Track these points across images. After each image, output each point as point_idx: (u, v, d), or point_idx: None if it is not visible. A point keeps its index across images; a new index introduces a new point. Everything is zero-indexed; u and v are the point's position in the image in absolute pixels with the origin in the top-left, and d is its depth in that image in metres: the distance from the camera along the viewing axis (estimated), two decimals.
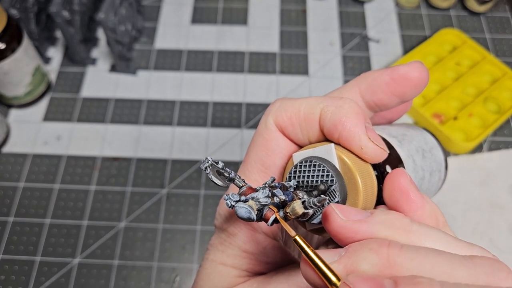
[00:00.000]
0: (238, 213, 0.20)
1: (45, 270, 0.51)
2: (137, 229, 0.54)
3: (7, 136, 0.60)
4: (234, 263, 0.26)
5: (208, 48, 0.68)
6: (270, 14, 0.72)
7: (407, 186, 0.20)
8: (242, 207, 0.20)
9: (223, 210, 0.27)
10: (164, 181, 0.57)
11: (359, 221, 0.18)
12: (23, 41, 0.56)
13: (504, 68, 0.63)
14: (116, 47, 0.61)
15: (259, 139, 0.25)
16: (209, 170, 0.21)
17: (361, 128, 0.22)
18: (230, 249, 0.26)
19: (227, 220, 0.26)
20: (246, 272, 0.26)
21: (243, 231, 0.26)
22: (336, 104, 0.22)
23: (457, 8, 0.72)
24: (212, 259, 0.27)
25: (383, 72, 0.23)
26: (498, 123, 0.59)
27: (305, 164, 0.22)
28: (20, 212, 0.55)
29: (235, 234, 0.26)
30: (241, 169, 0.26)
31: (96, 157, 0.59)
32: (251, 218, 0.20)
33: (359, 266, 0.17)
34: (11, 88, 0.58)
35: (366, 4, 0.73)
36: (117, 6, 0.60)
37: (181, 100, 0.64)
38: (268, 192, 0.21)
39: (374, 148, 0.22)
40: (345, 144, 0.22)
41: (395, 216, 0.19)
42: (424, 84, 0.24)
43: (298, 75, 0.66)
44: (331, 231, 0.19)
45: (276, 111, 0.25)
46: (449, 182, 0.56)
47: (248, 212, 0.20)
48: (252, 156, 0.25)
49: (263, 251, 0.26)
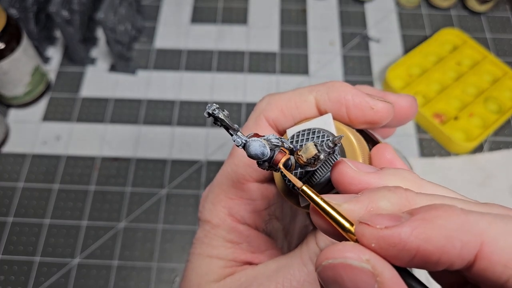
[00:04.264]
0: (251, 148, 0.19)
1: (44, 271, 0.51)
2: (136, 229, 0.54)
3: (6, 136, 0.60)
4: (220, 253, 0.26)
5: (207, 47, 0.68)
6: (270, 13, 0.72)
7: (393, 157, 0.22)
8: (256, 140, 0.19)
9: (207, 202, 0.27)
10: (163, 181, 0.57)
11: (371, 173, 0.18)
12: (22, 41, 0.56)
13: (505, 68, 0.63)
14: (115, 47, 0.61)
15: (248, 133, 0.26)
16: (218, 111, 0.20)
17: (362, 93, 0.23)
18: (214, 241, 0.26)
19: (211, 212, 0.27)
20: (233, 262, 0.26)
21: (227, 222, 0.26)
22: (327, 86, 0.24)
23: (457, 7, 0.72)
24: (198, 253, 0.27)
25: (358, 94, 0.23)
26: (498, 123, 0.59)
27: (303, 133, 0.22)
28: (20, 212, 0.55)
29: (219, 225, 0.26)
30: (227, 162, 0.26)
31: (96, 157, 0.59)
32: (264, 154, 0.19)
33: (379, 204, 0.16)
34: (11, 88, 0.58)
35: (367, 4, 0.73)
36: (117, 5, 0.60)
37: (180, 100, 0.63)
38: (278, 136, 0.20)
39: (383, 105, 0.23)
40: (355, 112, 0.22)
41: (405, 171, 0.19)
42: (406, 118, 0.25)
43: (298, 75, 0.66)
44: (343, 183, 0.18)
45: (266, 106, 0.25)
46: (450, 182, 0.56)
47: (263, 146, 0.19)
48: (240, 151, 0.26)
49: (247, 240, 0.26)
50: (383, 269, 0.15)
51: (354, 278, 0.15)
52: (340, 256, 0.15)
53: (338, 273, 0.15)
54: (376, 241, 0.15)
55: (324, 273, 0.16)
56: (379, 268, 0.15)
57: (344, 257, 0.15)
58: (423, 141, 0.60)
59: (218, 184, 0.27)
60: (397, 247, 0.15)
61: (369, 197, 0.17)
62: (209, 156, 0.59)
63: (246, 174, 0.26)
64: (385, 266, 0.15)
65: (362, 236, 0.16)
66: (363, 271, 0.15)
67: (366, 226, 0.16)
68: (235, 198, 0.26)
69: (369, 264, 0.15)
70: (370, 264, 0.15)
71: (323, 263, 0.16)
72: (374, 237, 0.15)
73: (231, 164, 0.26)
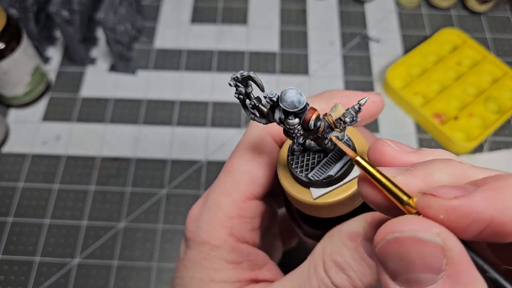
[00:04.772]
0: (288, 94, 0.19)
1: (44, 271, 0.51)
2: (136, 229, 0.54)
3: (6, 136, 0.60)
4: (223, 277, 0.25)
5: (208, 47, 0.68)
6: (270, 13, 0.72)
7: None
8: (292, 88, 0.19)
9: (203, 222, 0.26)
10: (163, 181, 0.57)
11: (411, 152, 0.17)
12: (22, 40, 0.56)
13: (505, 68, 0.63)
14: (115, 47, 0.61)
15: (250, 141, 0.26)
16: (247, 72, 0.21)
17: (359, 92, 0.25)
18: (216, 263, 0.25)
19: (210, 233, 0.25)
20: (238, 283, 0.25)
21: (228, 242, 0.25)
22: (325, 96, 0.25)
23: (457, 7, 0.72)
24: (199, 278, 0.25)
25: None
26: (498, 123, 0.59)
27: None
28: (20, 212, 0.55)
29: (220, 246, 0.25)
30: (224, 180, 0.26)
31: (96, 157, 0.59)
32: (301, 101, 0.19)
33: (435, 177, 0.15)
34: (10, 88, 0.58)
35: (367, 4, 0.73)
36: (117, 5, 0.60)
37: (180, 100, 0.63)
38: None
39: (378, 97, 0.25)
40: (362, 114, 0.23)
41: (442, 150, 0.18)
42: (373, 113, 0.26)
43: (298, 74, 0.65)
44: (383, 162, 0.17)
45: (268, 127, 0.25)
46: None
47: (299, 93, 0.19)
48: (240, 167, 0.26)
49: (247, 259, 0.26)
50: (453, 243, 0.14)
51: (423, 253, 0.14)
52: (408, 229, 0.14)
53: (405, 247, 0.14)
54: (445, 212, 0.14)
55: (387, 249, 0.14)
56: (449, 242, 0.14)
57: (413, 230, 0.14)
58: (423, 141, 0.60)
59: (216, 204, 0.26)
60: (468, 218, 0.14)
61: (423, 170, 0.16)
62: (209, 156, 0.59)
63: (247, 191, 0.25)
64: (454, 241, 0.14)
65: (428, 208, 0.14)
66: (433, 246, 0.14)
67: (432, 197, 0.14)
68: (236, 217, 0.25)
69: (440, 237, 0.14)
70: (441, 237, 0.14)
71: (387, 237, 0.14)
72: (443, 209, 0.14)
73: (230, 182, 0.25)
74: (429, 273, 0.14)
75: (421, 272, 0.14)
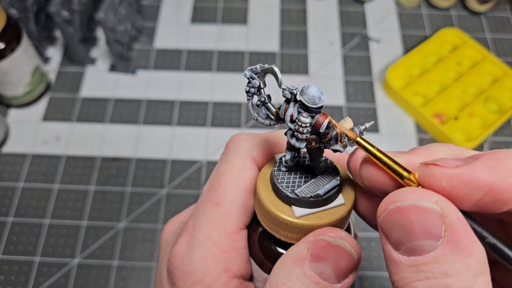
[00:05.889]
0: (310, 89, 0.19)
1: (44, 271, 0.51)
2: (136, 229, 0.54)
3: (6, 136, 0.60)
4: None
5: (208, 47, 0.68)
6: (270, 13, 0.72)
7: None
8: (314, 85, 0.20)
9: (194, 260, 0.24)
10: (163, 181, 0.57)
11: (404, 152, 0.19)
12: (22, 40, 0.56)
13: (505, 68, 0.63)
14: (115, 47, 0.61)
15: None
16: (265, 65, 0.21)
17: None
18: None
19: (203, 271, 0.24)
20: None
21: (222, 278, 0.24)
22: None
23: (457, 7, 0.72)
24: None
25: None
26: (498, 123, 0.59)
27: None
28: (20, 212, 0.55)
29: (211, 285, 0.24)
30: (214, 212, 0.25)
31: (96, 157, 0.59)
32: (321, 99, 0.19)
33: (437, 155, 0.17)
34: (10, 88, 0.58)
35: (367, 4, 0.73)
36: (117, 5, 0.60)
37: (180, 100, 0.63)
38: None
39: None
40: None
41: (434, 144, 0.19)
42: None
43: (298, 74, 0.65)
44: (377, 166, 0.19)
45: (250, 148, 0.25)
46: None
47: (321, 92, 0.19)
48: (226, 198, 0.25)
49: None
50: (451, 210, 0.15)
51: (423, 219, 0.15)
52: (409, 198, 0.15)
53: (406, 215, 0.15)
54: (448, 179, 0.15)
55: (389, 218, 0.15)
56: (447, 209, 0.15)
57: (414, 199, 0.15)
58: (423, 141, 0.60)
59: (208, 239, 0.24)
60: (470, 185, 0.15)
61: (425, 151, 0.17)
62: (209, 156, 0.59)
63: (239, 221, 0.24)
64: (452, 208, 0.15)
65: (432, 177, 0.16)
66: (432, 212, 0.15)
67: (435, 166, 0.16)
68: (231, 251, 0.24)
69: (438, 205, 0.15)
70: (438, 205, 0.15)
71: (390, 207, 0.15)
72: (446, 176, 0.15)
73: (220, 214, 0.24)
74: (430, 239, 0.15)
75: (422, 239, 0.15)
